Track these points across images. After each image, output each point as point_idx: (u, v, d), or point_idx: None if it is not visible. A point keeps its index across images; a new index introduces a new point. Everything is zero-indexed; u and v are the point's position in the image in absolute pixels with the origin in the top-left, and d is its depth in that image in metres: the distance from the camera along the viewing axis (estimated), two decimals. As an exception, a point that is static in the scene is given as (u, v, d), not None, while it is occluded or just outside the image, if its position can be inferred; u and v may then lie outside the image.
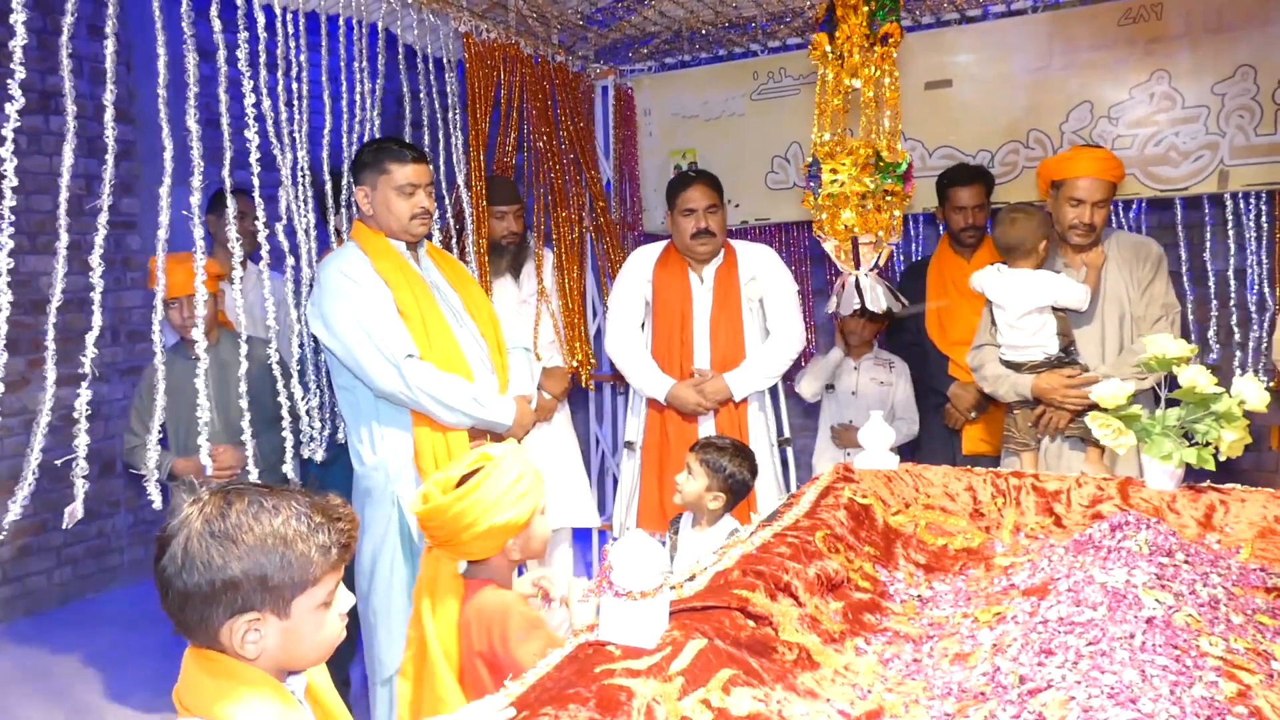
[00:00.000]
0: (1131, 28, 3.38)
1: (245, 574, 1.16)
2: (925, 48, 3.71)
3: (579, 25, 3.75)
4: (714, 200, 3.20)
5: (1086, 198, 2.78)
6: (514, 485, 1.76)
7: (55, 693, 3.41)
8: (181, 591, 1.15)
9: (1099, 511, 2.08)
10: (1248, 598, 1.59)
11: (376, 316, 2.44)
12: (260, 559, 1.16)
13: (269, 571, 1.17)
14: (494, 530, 1.74)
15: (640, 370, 3.23)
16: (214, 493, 1.20)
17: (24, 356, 3.95)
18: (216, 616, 1.16)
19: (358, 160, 2.60)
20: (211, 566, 1.14)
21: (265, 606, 1.18)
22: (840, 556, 1.82)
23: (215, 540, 1.15)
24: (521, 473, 1.79)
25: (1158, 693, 1.18)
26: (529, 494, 1.78)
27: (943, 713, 1.29)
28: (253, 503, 1.19)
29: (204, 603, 1.16)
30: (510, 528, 1.76)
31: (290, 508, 1.20)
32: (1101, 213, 2.82)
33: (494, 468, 1.76)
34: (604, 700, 1.13)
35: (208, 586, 1.15)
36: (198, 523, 1.16)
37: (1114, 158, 2.86)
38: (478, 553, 1.79)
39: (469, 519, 1.72)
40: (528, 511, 1.78)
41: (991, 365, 2.91)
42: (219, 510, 1.17)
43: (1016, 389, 2.84)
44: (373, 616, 2.55)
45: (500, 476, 1.75)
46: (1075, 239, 2.84)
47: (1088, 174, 2.78)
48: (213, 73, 2.30)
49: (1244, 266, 3.57)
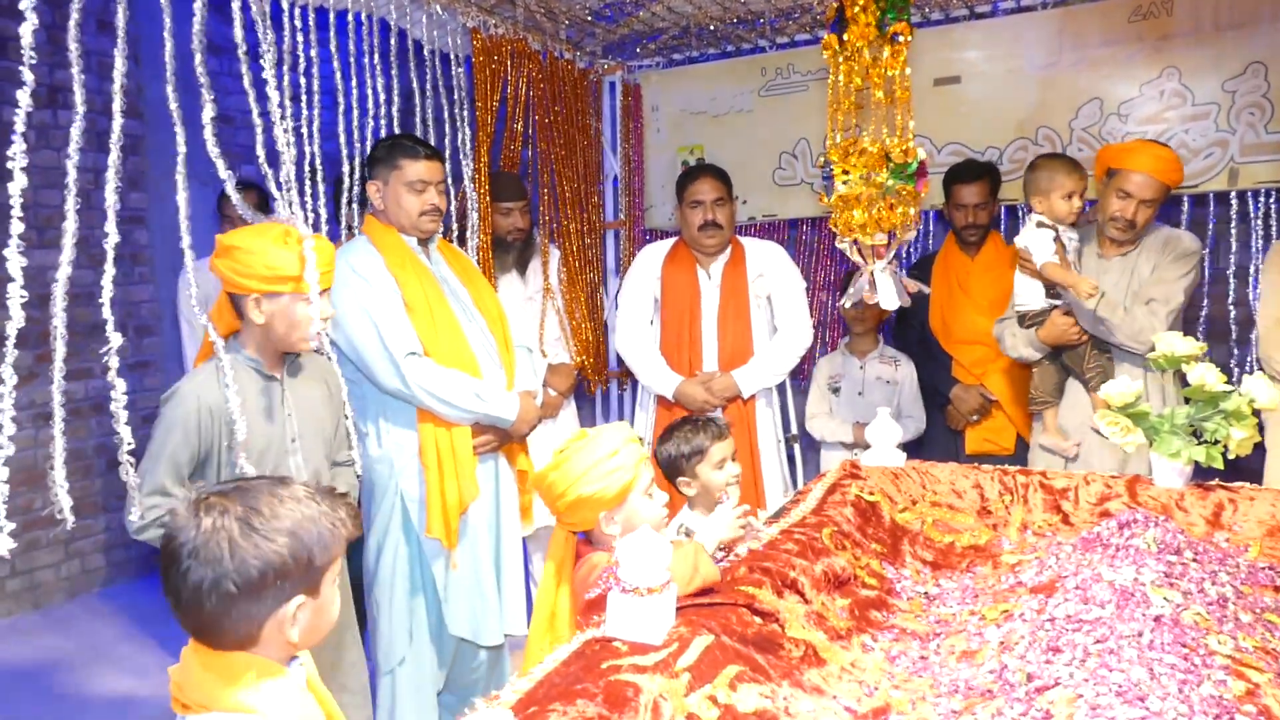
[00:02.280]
0: (1141, 24, 3.36)
1: (294, 558, 1.17)
2: (934, 44, 3.70)
3: (587, 21, 3.75)
4: (722, 193, 3.20)
5: (1135, 193, 2.70)
6: (605, 459, 1.79)
7: (63, 687, 3.43)
8: (229, 593, 1.15)
9: (1107, 509, 2.07)
10: (1256, 596, 1.59)
11: (382, 313, 2.44)
12: (303, 539, 1.18)
13: (313, 551, 1.19)
14: (582, 501, 1.79)
15: (648, 367, 3.24)
16: (217, 495, 1.20)
17: (31, 350, 3.97)
18: (264, 609, 1.17)
19: (372, 155, 2.60)
20: (264, 558, 1.15)
21: (306, 588, 1.20)
22: (847, 553, 1.82)
23: (259, 533, 1.16)
24: (616, 449, 1.81)
25: (1166, 691, 1.18)
26: (621, 470, 1.80)
27: (950, 710, 1.29)
28: (268, 493, 1.20)
29: (251, 598, 1.16)
30: (598, 500, 1.79)
31: (298, 493, 1.23)
32: (1147, 212, 2.73)
33: (586, 440, 1.82)
34: (611, 696, 1.13)
35: (259, 579, 1.15)
36: (230, 522, 1.16)
37: (1176, 161, 2.75)
38: (576, 523, 1.84)
39: (560, 489, 1.79)
40: (618, 486, 1.80)
41: (1009, 334, 2.93)
42: (245, 506, 1.18)
43: (1032, 344, 2.85)
44: (376, 608, 2.57)
45: (591, 449, 1.80)
46: (1113, 231, 2.77)
47: (1142, 169, 2.69)
48: (221, 68, 2.30)
49: (1254, 265, 3.55)
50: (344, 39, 2.83)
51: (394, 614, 2.53)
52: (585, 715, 1.09)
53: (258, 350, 2.10)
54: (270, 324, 2.05)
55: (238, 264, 2.00)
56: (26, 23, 1.69)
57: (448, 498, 2.46)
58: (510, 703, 1.16)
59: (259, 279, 1.99)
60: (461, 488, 2.49)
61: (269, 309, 2.03)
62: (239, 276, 2.00)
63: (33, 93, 1.66)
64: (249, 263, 1.99)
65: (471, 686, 2.65)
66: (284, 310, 2.03)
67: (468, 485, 2.50)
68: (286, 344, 2.08)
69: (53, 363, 1.76)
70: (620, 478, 1.80)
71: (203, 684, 1.17)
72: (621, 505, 1.83)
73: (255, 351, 2.10)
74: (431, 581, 2.54)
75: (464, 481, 2.49)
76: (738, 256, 3.27)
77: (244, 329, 2.09)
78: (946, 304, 3.44)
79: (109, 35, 1.94)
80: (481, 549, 2.58)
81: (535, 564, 3.58)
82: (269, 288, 2.00)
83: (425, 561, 2.53)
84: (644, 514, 1.86)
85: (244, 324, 2.08)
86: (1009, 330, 2.94)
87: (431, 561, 2.53)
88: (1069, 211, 2.78)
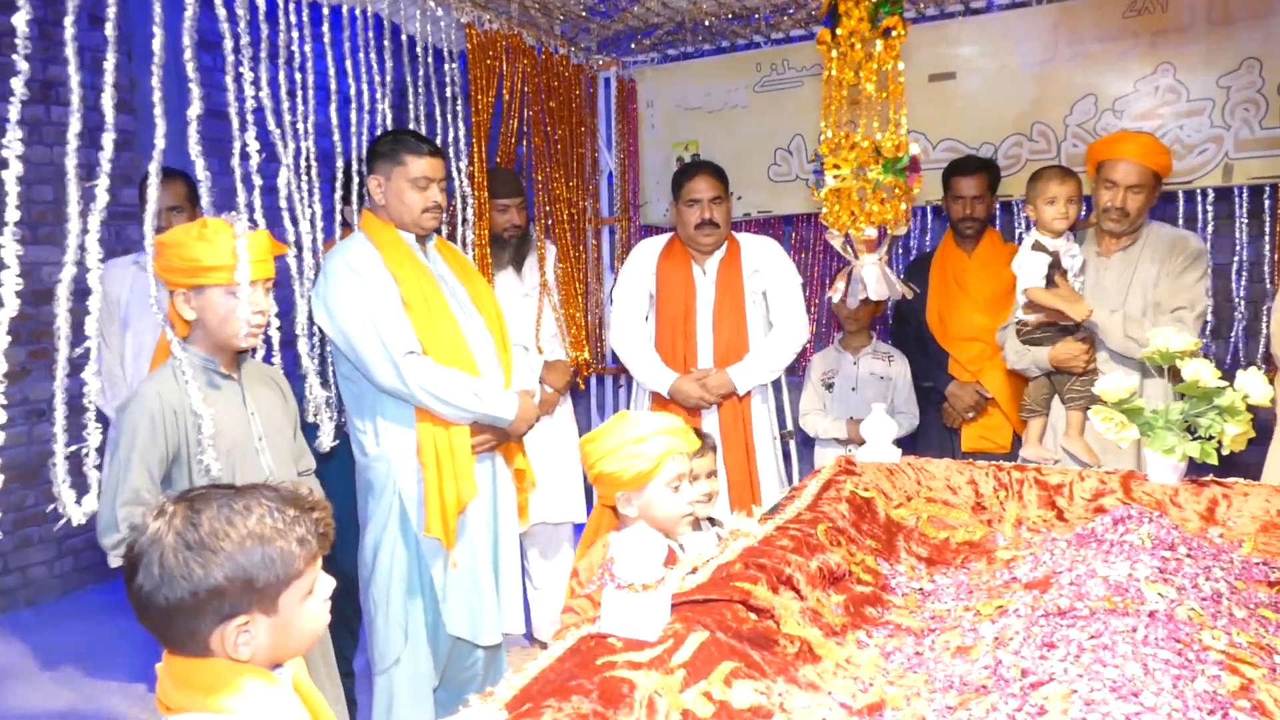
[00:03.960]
0: (1137, 20, 3.36)
1: (230, 579, 1.13)
2: (929, 40, 3.70)
3: (581, 16, 3.74)
4: (718, 191, 3.19)
5: (1121, 180, 2.73)
6: (631, 444, 1.82)
7: (57, 684, 3.42)
8: (164, 607, 1.12)
9: (1101, 505, 2.07)
10: (1250, 592, 1.59)
11: (380, 311, 2.43)
12: (242, 562, 1.14)
13: (253, 573, 1.14)
14: (603, 476, 1.85)
15: (643, 364, 3.23)
16: (178, 502, 1.17)
17: (25, 347, 3.96)
18: (204, 626, 1.14)
19: (374, 150, 2.59)
20: (193, 578, 1.11)
21: (253, 608, 1.16)
22: (842, 550, 1.82)
23: (193, 551, 1.12)
24: (644, 437, 1.84)
25: (1160, 686, 1.18)
26: (642, 458, 1.83)
27: (944, 706, 1.29)
28: (222, 507, 1.16)
29: (190, 615, 1.13)
30: (615, 480, 1.84)
31: (261, 505, 1.18)
32: (1137, 199, 2.75)
33: (625, 420, 1.86)
34: (606, 692, 1.13)
35: (191, 599, 1.12)
36: (169, 536, 1.13)
37: (1158, 145, 2.80)
38: (602, 495, 1.91)
39: (590, 459, 1.86)
40: (635, 472, 1.83)
41: (1012, 344, 2.93)
42: (189, 520, 1.14)
43: (1037, 363, 2.85)
44: (373, 607, 2.56)
45: (623, 430, 1.84)
46: (1109, 224, 2.79)
47: (1125, 156, 2.73)
48: (214, 63, 2.29)
49: (1248, 259, 3.56)
50: (338, 34, 2.82)
51: (390, 613, 2.52)
52: (580, 712, 1.09)
53: (210, 350, 2.08)
54: (203, 319, 2.04)
55: (163, 259, 2.01)
56: (20, 13, 1.68)
57: (446, 497, 2.46)
58: (505, 700, 1.15)
59: (178, 272, 2.00)
60: (460, 487, 2.48)
61: (198, 304, 2.03)
62: (163, 272, 2.02)
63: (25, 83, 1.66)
64: (169, 257, 2.00)
65: (467, 685, 2.64)
66: (213, 304, 2.02)
67: (466, 484, 2.50)
68: (222, 339, 2.05)
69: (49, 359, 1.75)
70: (639, 465, 1.83)
71: (178, 685, 1.16)
72: (640, 491, 1.86)
73: (208, 350, 2.07)
74: (429, 581, 2.54)
75: (462, 481, 2.49)
76: (733, 253, 3.26)
77: (191, 328, 2.08)
78: (943, 301, 3.44)
79: (101, 30, 1.93)
80: (480, 548, 2.58)
81: (530, 561, 3.57)
82: (190, 281, 2.00)
83: (423, 561, 2.53)
84: (662, 505, 1.88)
85: (191, 324, 2.07)
86: (1011, 348, 2.94)
87: (430, 561, 2.52)
88: (1054, 217, 2.79)
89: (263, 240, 2.07)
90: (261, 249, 2.05)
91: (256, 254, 2.03)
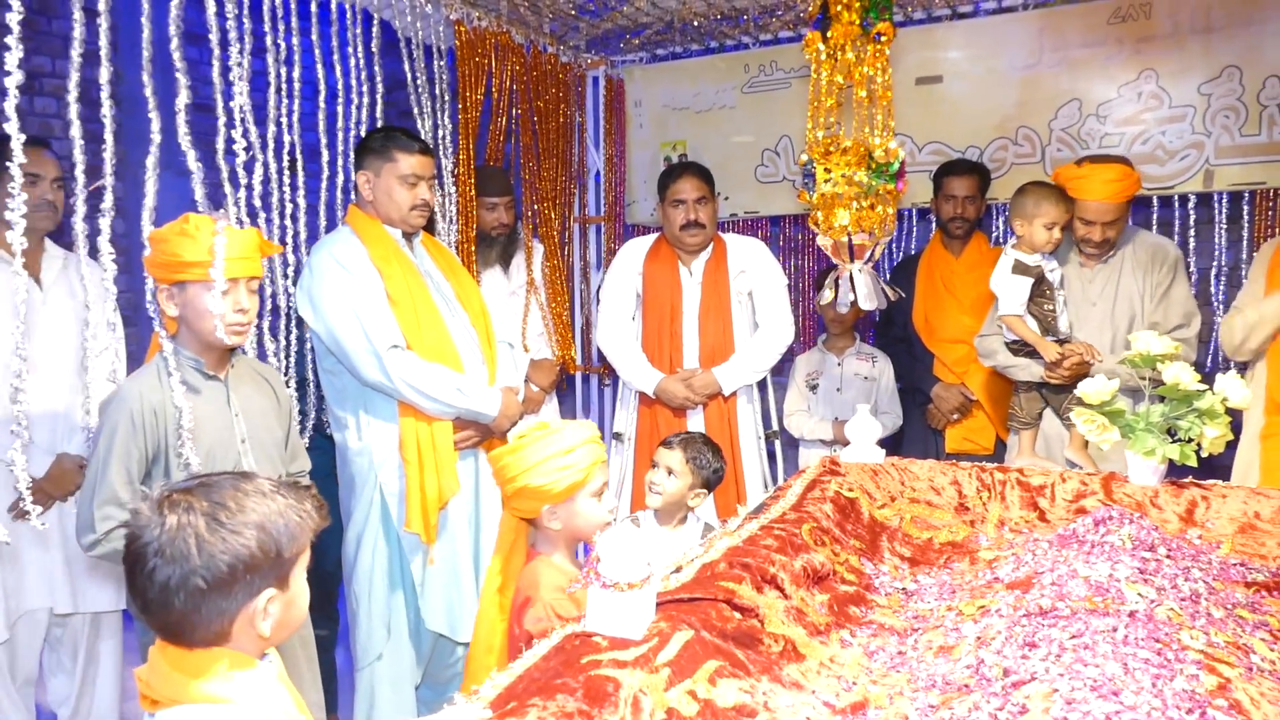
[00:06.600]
0: (1121, 26, 3.39)
1: (263, 550, 1.18)
2: (916, 43, 3.72)
3: (571, 14, 3.74)
4: (704, 192, 3.20)
5: (1096, 219, 2.76)
6: (559, 455, 1.80)
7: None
8: (198, 590, 1.14)
9: (1082, 506, 2.09)
10: (1228, 592, 1.61)
11: (365, 305, 2.43)
12: (270, 533, 1.19)
13: (281, 544, 1.19)
14: (529, 491, 1.81)
15: (629, 364, 3.23)
16: (181, 492, 1.19)
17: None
18: (234, 603, 1.17)
19: (364, 145, 2.58)
20: (232, 552, 1.15)
21: (274, 582, 1.20)
22: (826, 549, 1.83)
23: (226, 528, 1.16)
24: (572, 447, 1.83)
25: (1139, 685, 1.20)
26: (572, 470, 1.81)
27: (927, 704, 1.30)
28: (232, 488, 1.20)
29: (221, 594, 1.16)
30: (544, 493, 1.81)
31: (262, 486, 1.23)
32: (1115, 229, 2.79)
33: (546, 433, 1.83)
34: (591, 691, 1.13)
35: (229, 573, 1.15)
36: (196, 518, 1.16)
37: (1128, 175, 2.74)
38: (519, 510, 1.86)
39: (511, 473, 1.82)
40: (566, 484, 1.81)
41: (1003, 354, 2.94)
42: (212, 502, 1.17)
43: (1030, 372, 2.86)
44: (354, 602, 2.56)
45: (550, 442, 1.82)
46: (1089, 250, 2.85)
47: (1095, 197, 2.72)
48: (200, 56, 2.28)
49: (1227, 264, 3.60)
50: (326, 28, 2.81)
51: (373, 608, 2.52)
52: (565, 710, 1.09)
53: (197, 348, 2.06)
54: (184, 316, 2.03)
55: (152, 254, 2.00)
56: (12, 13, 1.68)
57: (427, 492, 2.45)
58: (489, 698, 1.15)
59: (162, 268, 1.99)
60: (441, 483, 2.48)
61: (180, 300, 2.01)
62: (150, 267, 2.01)
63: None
64: (155, 252, 1.99)
65: (449, 682, 2.64)
66: (192, 300, 2.01)
67: (448, 480, 2.49)
68: (204, 337, 2.03)
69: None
70: (569, 476, 1.82)
71: (171, 679, 1.17)
72: (566, 502, 1.84)
73: (195, 349, 2.06)
74: (410, 576, 2.53)
75: (444, 477, 2.48)
76: (719, 253, 3.27)
77: (179, 327, 2.06)
78: (930, 303, 3.46)
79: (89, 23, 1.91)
80: (460, 544, 2.57)
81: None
82: (172, 276, 1.99)
83: (404, 556, 2.52)
84: (588, 515, 1.87)
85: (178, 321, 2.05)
86: (1000, 352, 2.94)
87: (410, 556, 2.52)
88: (1048, 241, 2.79)
89: (248, 238, 2.05)
90: (246, 247, 2.03)
91: (239, 251, 2.01)
